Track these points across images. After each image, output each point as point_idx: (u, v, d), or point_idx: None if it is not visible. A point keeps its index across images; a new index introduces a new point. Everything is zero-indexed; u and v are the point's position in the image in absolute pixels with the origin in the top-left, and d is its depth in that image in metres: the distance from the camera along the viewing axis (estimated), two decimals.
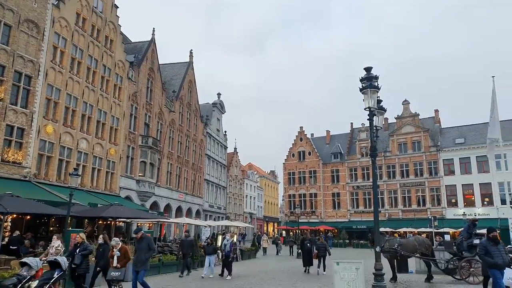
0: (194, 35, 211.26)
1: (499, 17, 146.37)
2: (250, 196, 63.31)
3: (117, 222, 20.58)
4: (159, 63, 34.51)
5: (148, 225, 25.08)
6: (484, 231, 34.31)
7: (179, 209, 37.09)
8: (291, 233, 47.17)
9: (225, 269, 15.83)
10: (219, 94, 49.98)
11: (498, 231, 9.03)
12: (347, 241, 45.69)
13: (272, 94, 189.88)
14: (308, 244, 17.68)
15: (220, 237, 25.89)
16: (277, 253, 30.17)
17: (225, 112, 51.32)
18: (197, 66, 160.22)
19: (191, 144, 40.35)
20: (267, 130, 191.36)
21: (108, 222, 20.13)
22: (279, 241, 33.09)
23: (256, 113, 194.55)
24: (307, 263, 17.45)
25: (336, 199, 52.74)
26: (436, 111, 51.37)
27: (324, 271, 16.62)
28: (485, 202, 41.83)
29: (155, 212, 29.67)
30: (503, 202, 30.75)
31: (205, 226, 31.37)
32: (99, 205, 19.30)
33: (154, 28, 34.57)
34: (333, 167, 53.84)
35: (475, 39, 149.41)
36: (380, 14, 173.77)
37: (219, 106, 49.68)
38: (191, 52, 42.58)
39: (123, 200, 25.47)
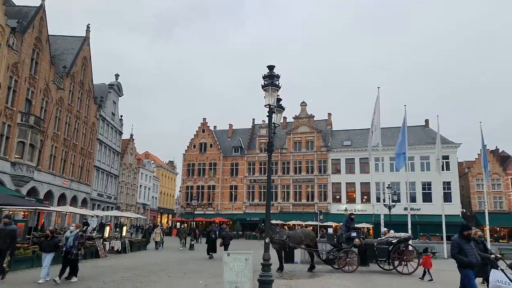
0: (97, 10, 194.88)
1: (400, 29, 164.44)
2: (145, 186, 60.81)
3: None
4: (49, 33, 30.75)
5: (23, 213, 22.26)
6: (363, 225, 38.14)
7: (62, 197, 33.77)
8: (185, 224, 46.54)
9: (70, 270, 11.70)
10: (117, 75, 46.53)
11: (473, 230, 8.42)
12: (241, 232, 46.82)
13: (179, 83, 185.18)
14: (213, 235, 20.74)
15: (107, 228, 24.29)
16: (184, 246, 28.37)
17: (122, 95, 48.10)
18: (98, 45, 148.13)
19: (81, 126, 36.98)
20: (170, 119, 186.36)
21: None
22: (184, 233, 30.23)
23: (160, 100, 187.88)
24: (212, 250, 20.26)
25: (233, 192, 53.64)
26: (329, 114, 55.64)
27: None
28: (364, 200, 46.65)
29: (33, 199, 26.51)
30: (378, 200, 34.51)
31: (92, 216, 29.12)
32: None
33: None
34: (233, 161, 54.62)
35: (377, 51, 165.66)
36: (301, 16, 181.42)
37: (116, 88, 46.34)
38: (88, 27, 38.91)
39: None
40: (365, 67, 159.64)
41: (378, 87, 23.86)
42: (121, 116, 49.42)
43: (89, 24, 38.86)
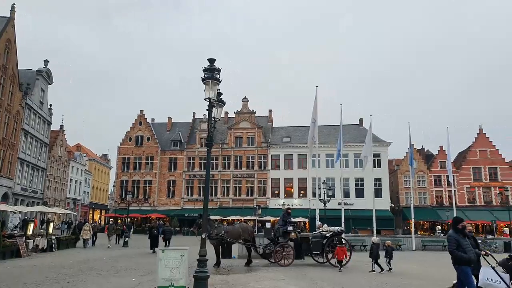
0: None
1: (341, 31, 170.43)
2: (76, 180, 57.26)
3: None
4: None
5: None
6: (299, 219, 39.18)
7: None
8: (119, 220, 44.64)
9: None
10: (46, 61, 42.97)
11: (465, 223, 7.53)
12: (178, 228, 45.95)
13: (118, 74, 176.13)
14: (155, 231, 21.76)
15: (31, 225, 22.48)
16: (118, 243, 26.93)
17: (52, 82, 44.66)
18: (29, 28, 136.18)
19: (2, 115, 33.73)
20: (107, 110, 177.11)
21: None
22: (114, 230, 28.91)
23: (96, 90, 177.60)
24: (154, 245, 20.72)
25: (171, 187, 52.43)
26: (270, 111, 56.48)
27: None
28: (301, 194, 48.06)
29: None
30: (314, 195, 35.70)
31: (14, 212, 26.78)
32: None
33: None
34: (172, 155, 53.37)
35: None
36: (247, 11, 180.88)
37: (45, 75, 42.79)
38: (13, 6, 35.55)
39: None
40: (306, 66, 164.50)
41: (316, 87, 24.61)
42: (51, 105, 45.92)
43: (14, 4, 35.49)
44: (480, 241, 29.30)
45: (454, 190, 39.82)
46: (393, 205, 48.71)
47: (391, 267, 13.92)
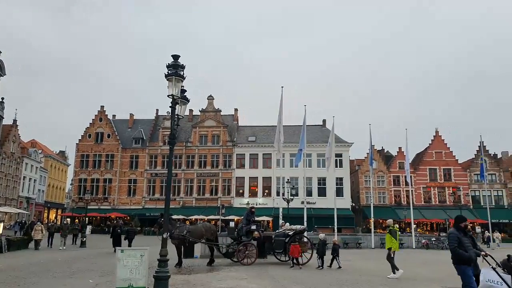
0: None
1: (306, 32, 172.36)
2: (30, 178, 54.48)
3: None
4: None
5: None
6: (263, 218, 39.25)
7: None
8: (76, 220, 42.94)
9: None
10: None
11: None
12: (139, 228, 44.84)
13: (78, 67, 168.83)
14: (118, 231, 21.65)
15: None
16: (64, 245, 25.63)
17: (5, 74, 42.11)
18: None
19: None
20: (65, 105, 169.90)
21: None
22: (67, 230, 27.17)
23: (54, 85, 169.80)
24: (117, 244, 20.08)
25: (132, 186, 51.12)
26: (236, 110, 56.37)
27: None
28: (265, 194, 48.35)
29: None
30: (278, 194, 36.00)
31: None
32: None
33: None
34: (133, 153, 52.04)
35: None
36: (216, 8, 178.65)
37: None
38: None
39: None
40: (272, 66, 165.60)
41: (282, 87, 24.71)
42: (2, 98, 43.35)
43: None
44: (433, 239, 30.79)
45: (412, 190, 41.46)
46: (353, 204, 50.04)
47: (340, 264, 14.45)
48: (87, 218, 43.16)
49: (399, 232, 12.84)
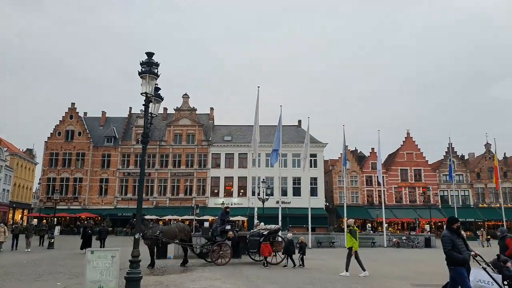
0: None
1: (283, 33, 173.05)
2: None
3: None
4: None
5: None
6: (238, 218, 39.16)
7: None
8: (44, 220, 41.52)
9: None
10: None
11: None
12: (111, 229, 43.84)
13: (48, 61, 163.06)
14: (89, 231, 21.35)
15: None
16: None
17: None
18: None
19: None
20: (33, 101, 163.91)
21: None
22: (33, 231, 25.64)
23: (21, 79, 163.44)
24: (87, 245, 19.81)
25: (104, 185, 49.91)
26: (212, 108, 56.05)
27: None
28: (241, 193, 48.27)
29: None
30: (253, 193, 36.05)
31: None
32: None
33: None
34: (105, 151, 50.82)
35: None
36: (188, 6, 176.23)
37: None
38: None
39: None
40: (249, 66, 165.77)
41: (258, 87, 24.76)
42: None
43: None
44: (404, 238, 31.56)
45: (384, 190, 42.43)
46: (327, 204, 50.70)
47: (303, 263, 14.64)
48: (55, 219, 41.93)
49: (359, 232, 12.97)
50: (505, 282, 7.02)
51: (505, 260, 7.53)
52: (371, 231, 40.32)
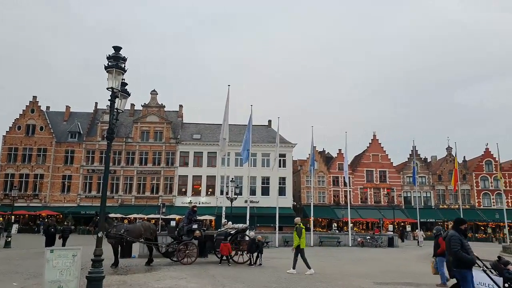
0: None
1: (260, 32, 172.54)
2: None
3: None
4: None
5: None
6: (205, 217, 38.81)
7: None
8: (0, 218, 39.63)
9: None
10: None
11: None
12: (73, 227, 42.41)
13: (5, 51, 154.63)
14: (52, 230, 20.76)
15: None
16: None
17: None
18: None
19: None
20: None
21: None
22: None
23: None
24: (51, 244, 19.09)
25: (66, 182, 48.17)
26: (181, 106, 55.34)
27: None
28: (209, 192, 47.94)
29: None
30: (222, 193, 35.84)
31: None
32: None
33: None
34: (69, 147, 49.04)
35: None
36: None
37: None
38: None
39: None
40: (220, 63, 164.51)
41: (229, 85, 24.63)
42: None
43: None
44: (368, 237, 32.40)
45: (350, 190, 43.38)
46: (295, 203, 51.29)
47: (261, 262, 14.89)
48: (13, 216, 40.04)
49: (305, 230, 13.27)
50: (506, 285, 6.97)
51: (506, 262, 7.55)
52: (337, 231, 41.13)
